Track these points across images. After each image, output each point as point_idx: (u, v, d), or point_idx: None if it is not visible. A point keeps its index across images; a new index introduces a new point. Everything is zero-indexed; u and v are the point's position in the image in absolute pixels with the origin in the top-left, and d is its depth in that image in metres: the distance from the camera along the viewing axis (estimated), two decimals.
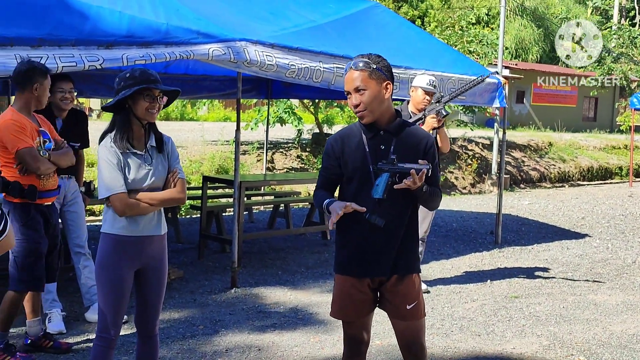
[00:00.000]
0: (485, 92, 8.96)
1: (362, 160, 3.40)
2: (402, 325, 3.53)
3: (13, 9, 5.33)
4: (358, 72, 3.32)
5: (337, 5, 9.44)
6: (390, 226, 3.38)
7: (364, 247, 3.44)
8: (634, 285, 7.79)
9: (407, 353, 3.58)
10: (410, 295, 3.48)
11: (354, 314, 3.54)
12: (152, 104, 3.70)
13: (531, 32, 36.00)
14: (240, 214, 7.66)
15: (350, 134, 3.50)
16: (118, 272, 3.77)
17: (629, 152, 20.33)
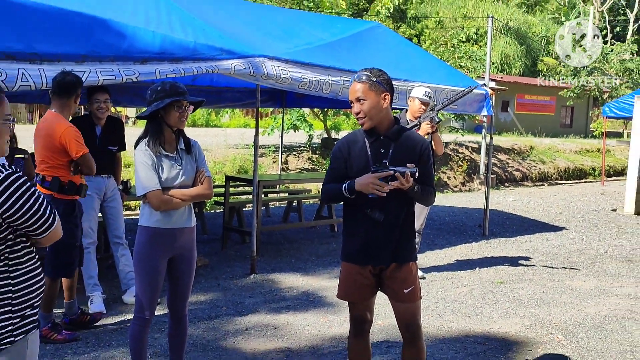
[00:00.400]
0: (474, 102, 8.96)
1: (365, 162, 3.43)
2: (401, 307, 3.56)
3: (60, 29, 5.34)
4: (360, 84, 3.37)
5: (343, 25, 9.45)
6: (389, 221, 3.43)
7: (367, 239, 3.47)
8: (606, 273, 7.76)
9: (405, 331, 3.61)
10: (408, 280, 3.50)
11: (358, 297, 3.57)
12: (182, 113, 3.73)
13: (515, 49, 35.93)
14: (259, 209, 7.67)
15: (354, 139, 3.54)
16: (153, 261, 3.79)
17: (601, 155, 20.29)
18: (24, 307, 2.34)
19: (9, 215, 2.24)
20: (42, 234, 2.35)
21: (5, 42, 4.85)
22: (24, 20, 5.26)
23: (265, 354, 4.81)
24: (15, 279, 2.32)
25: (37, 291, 2.41)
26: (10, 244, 2.30)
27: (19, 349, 2.33)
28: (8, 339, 2.29)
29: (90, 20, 5.62)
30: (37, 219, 2.30)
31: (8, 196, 2.22)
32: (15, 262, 2.33)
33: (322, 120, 17.27)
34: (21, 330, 2.33)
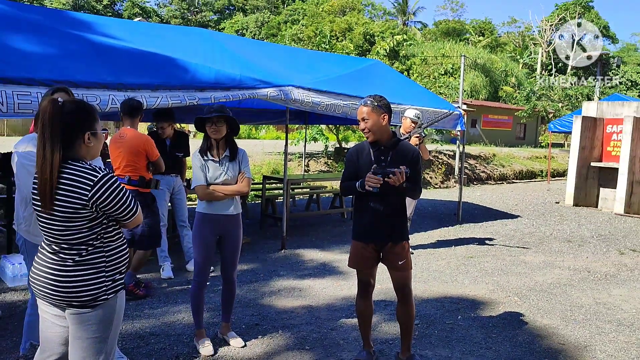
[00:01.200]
0: (451, 120, 8.89)
1: (369, 166, 3.43)
2: (396, 275, 3.56)
3: (140, 65, 5.37)
4: (365, 108, 3.43)
5: (351, 62, 9.43)
6: (387, 210, 3.47)
7: (371, 223, 3.49)
8: (551, 250, 7.67)
9: (399, 293, 3.61)
10: (401, 255, 3.52)
11: (364, 266, 3.59)
12: (211, 127, 3.73)
13: (481, 80, 35.63)
14: (287, 200, 7.67)
15: (362, 148, 3.57)
16: (204, 237, 3.81)
17: (547, 160, 20.08)
18: (114, 273, 2.36)
19: (104, 206, 2.26)
20: (127, 219, 2.37)
21: (100, 75, 4.90)
22: (114, 59, 5.30)
23: (292, 309, 4.81)
24: (108, 252, 2.34)
25: (124, 261, 2.42)
26: (104, 227, 2.33)
27: (110, 304, 2.35)
28: (102, 296, 2.31)
29: (163, 58, 5.66)
30: (124, 208, 2.33)
31: (103, 191, 2.24)
32: (108, 240, 2.35)
33: (335, 134, 17.22)
34: (112, 291, 2.35)
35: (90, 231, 2.28)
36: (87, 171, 2.25)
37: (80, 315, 2.30)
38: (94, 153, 2.36)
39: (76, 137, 2.26)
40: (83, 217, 2.24)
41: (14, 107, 4.31)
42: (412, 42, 33.71)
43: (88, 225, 2.27)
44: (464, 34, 52.11)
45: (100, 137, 2.36)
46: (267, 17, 55.39)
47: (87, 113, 2.32)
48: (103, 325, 2.34)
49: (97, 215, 2.27)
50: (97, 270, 2.30)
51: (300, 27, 38.94)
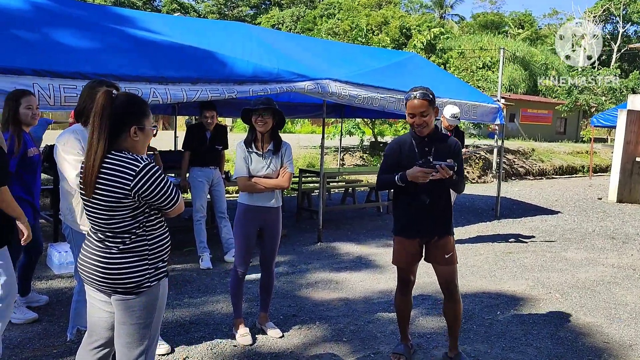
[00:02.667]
0: (490, 114, 8.73)
1: (413, 158, 3.36)
2: (442, 269, 3.49)
3: (180, 60, 5.44)
4: (422, 101, 3.28)
5: (388, 55, 9.35)
6: (432, 203, 3.39)
7: (416, 218, 3.43)
8: (594, 247, 7.47)
9: (445, 289, 3.55)
10: (447, 248, 3.45)
11: (407, 263, 3.53)
12: (257, 119, 3.73)
13: (520, 73, 34.85)
14: (323, 193, 7.68)
15: (404, 140, 3.48)
16: (244, 228, 3.84)
17: (589, 156, 19.52)
18: (157, 261, 2.39)
19: (145, 195, 2.28)
20: (169, 208, 2.39)
21: (142, 69, 4.99)
22: (154, 53, 5.39)
23: (329, 301, 4.82)
24: (151, 240, 2.38)
25: (167, 249, 2.46)
26: (147, 215, 2.35)
27: (153, 291, 2.39)
28: (146, 283, 2.35)
29: (203, 53, 5.73)
30: (165, 197, 2.34)
31: (145, 181, 2.27)
32: (151, 228, 2.38)
33: (371, 127, 17.15)
34: (155, 278, 2.38)
35: (133, 220, 2.31)
36: (129, 161, 2.27)
37: (124, 301, 2.35)
38: (139, 148, 2.36)
39: (122, 130, 2.29)
40: (126, 207, 2.27)
41: (61, 100, 4.44)
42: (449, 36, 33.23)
43: (131, 214, 2.30)
44: (502, 26, 51.02)
45: (148, 133, 2.37)
46: (302, 11, 55.40)
47: (137, 107, 2.35)
48: (147, 311, 2.39)
49: (139, 204, 2.29)
50: (141, 258, 2.34)
51: (336, 21, 38.84)
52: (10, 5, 5.22)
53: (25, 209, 3.77)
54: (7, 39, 4.63)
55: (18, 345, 3.64)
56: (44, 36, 4.94)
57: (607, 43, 47.19)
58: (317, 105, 9.37)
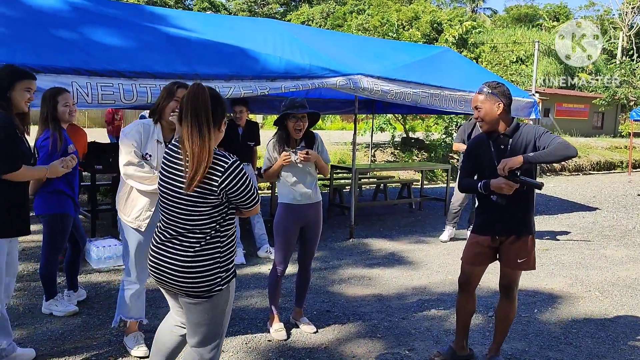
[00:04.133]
0: (525, 108, 8.55)
1: (490, 156, 3.25)
2: (508, 272, 3.35)
3: (213, 56, 5.50)
4: (480, 95, 3.24)
5: (420, 50, 9.25)
6: (510, 202, 3.21)
7: (491, 216, 3.29)
8: (634, 244, 7.25)
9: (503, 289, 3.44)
10: (522, 252, 3.30)
11: (476, 261, 3.40)
12: (297, 123, 3.69)
13: (555, 67, 34.04)
14: (355, 190, 7.65)
15: (480, 140, 3.37)
16: (287, 227, 3.83)
17: (629, 151, 18.97)
18: (228, 263, 2.36)
19: (231, 192, 2.26)
20: (249, 207, 2.35)
21: (175, 66, 5.06)
22: (188, 50, 5.46)
23: (362, 297, 4.80)
24: (224, 241, 2.34)
25: (235, 249, 2.43)
26: (224, 215, 2.32)
27: (224, 294, 2.37)
28: (217, 287, 2.32)
29: (235, 49, 5.77)
30: (248, 196, 2.31)
31: (232, 178, 2.24)
32: (225, 229, 2.34)
33: (403, 123, 17.00)
34: (225, 281, 2.36)
35: (209, 219, 2.28)
36: (219, 157, 2.25)
37: (195, 305, 2.34)
38: (218, 141, 2.32)
39: (216, 124, 2.27)
40: (209, 203, 2.25)
41: (98, 98, 4.53)
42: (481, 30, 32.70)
43: (210, 212, 2.27)
44: (536, 19, 49.94)
45: (224, 129, 2.36)
46: (332, 7, 55.31)
47: (223, 103, 2.35)
48: (217, 313, 2.38)
49: (221, 201, 2.27)
50: (214, 262, 2.30)
51: (366, 16, 38.65)
52: (48, 5, 5.36)
53: (67, 203, 3.89)
54: (46, 38, 4.75)
55: (60, 337, 3.73)
56: (81, 35, 5.05)
57: None
58: (348, 101, 9.35)
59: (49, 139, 3.67)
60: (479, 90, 3.26)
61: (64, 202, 3.87)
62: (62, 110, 3.80)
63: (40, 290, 4.28)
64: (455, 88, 7.37)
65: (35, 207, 3.88)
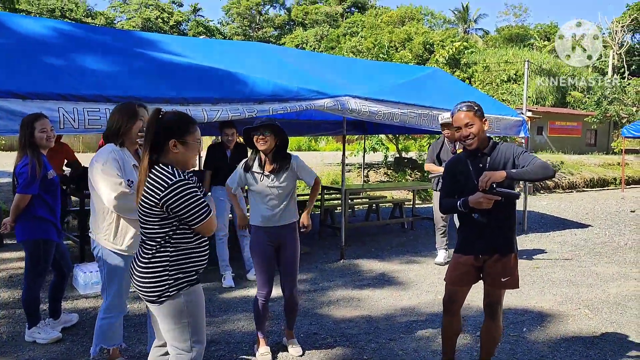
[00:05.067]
0: (514, 127, 8.60)
1: (468, 175, 3.26)
2: (493, 292, 3.33)
3: (201, 80, 5.53)
4: (465, 113, 3.22)
5: (409, 71, 9.35)
6: (492, 221, 3.20)
7: (474, 235, 3.28)
8: (625, 261, 7.24)
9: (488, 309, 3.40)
10: (506, 270, 3.28)
11: (459, 282, 3.37)
12: (259, 137, 3.70)
13: (547, 85, 34.36)
14: (345, 210, 7.65)
15: (458, 159, 3.38)
16: (262, 249, 3.82)
17: (621, 167, 19.05)
18: (177, 273, 2.50)
19: (172, 208, 2.42)
20: (195, 224, 2.47)
21: (163, 91, 5.09)
22: (176, 75, 5.50)
23: (350, 319, 4.77)
24: (173, 253, 2.50)
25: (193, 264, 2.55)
26: (174, 228, 2.48)
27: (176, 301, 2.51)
28: (165, 293, 2.49)
29: (223, 73, 5.81)
30: (191, 214, 2.44)
31: (174, 195, 2.41)
32: (176, 242, 2.50)
33: (395, 143, 17.09)
34: (175, 288, 2.50)
35: (160, 229, 2.47)
36: (165, 174, 2.44)
37: (154, 308, 2.56)
38: (183, 161, 2.53)
39: (164, 143, 2.48)
40: (156, 215, 2.44)
41: (85, 123, 4.54)
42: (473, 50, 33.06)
43: (159, 223, 2.46)
44: (528, 39, 50.54)
45: (192, 147, 2.52)
46: (326, 30, 55.94)
47: (178, 123, 2.53)
48: (174, 318, 2.53)
49: (167, 215, 2.44)
50: (162, 269, 2.49)
51: (360, 39, 39.06)
52: (38, 33, 5.41)
53: (49, 229, 3.86)
54: (35, 65, 4.79)
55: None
56: (70, 61, 5.09)
57: (637, 53, 46.39)
58: (339, 123, 9.37)
59: (27, 166, 3.66)
60: (467, 107, 3.23)
61: (45, 227, 3.84)
62: (39, 136, 3.79)
63: (25, 317, 4.23)
64: (444, 108, 7.43)
65: (17, 233, 3.86)
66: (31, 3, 43.05)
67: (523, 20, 61.27)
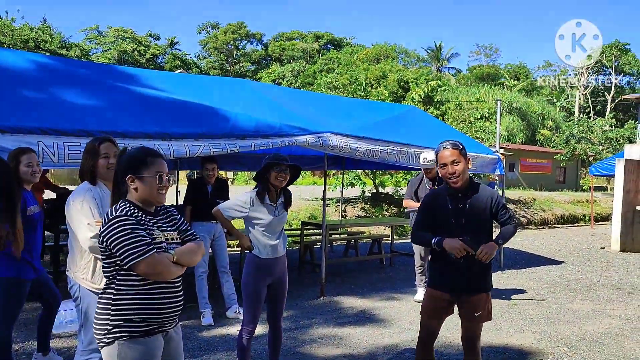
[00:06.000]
0: (489, 164, 8.78)
1: (446, 214, 3.31)
2: (468, 325, 3.41)
3: (183, 116, 5.52)
4: (451, 151, 3.28)
5: (387, 108, 9.51)
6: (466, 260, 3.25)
7: (447, 272, 3.34)
8: (600, 298, 7.34)
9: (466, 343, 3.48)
10: (478, 306, 3.35)
11: (435, 315, 3.44)
12: (280, 174, 3.74)
13: (517, 123, 35.29)
14: (326, 247, 7.62)
15: (438, 194, 3.43)
16: (257, 285, 3.80)
17: (590, 204, 19.50)
18: (118, 319, 2.31)
19: (109, 244, 2.29)
20: (125, 264, 2.28)
21: (145, 126, 5.06)
22: (158, 110, 5.48)
23: (333, 358, 4.70)
24: (116, 296, 2.34)
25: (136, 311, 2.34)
26: (117, 269, 2.34)
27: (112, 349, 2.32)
28: (103, 338, 2.34)
29: (205, 108, 5.82)
30: (123, 251, 2.27)
31: (109, 231, 2.29)
32: (120, 284, 2.34)
33: (372, 179, 17.22)
34: (112, 336, 2.32)
35: (108, 267, 2.36)
36: (111, 210, 2.37)
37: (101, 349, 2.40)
38: (143, 197, 2.42)
39: (122, 180, 2.43)
40: (103, 252, 2.35)
41: (65, 157, 4.48)
42: (446, 88, 33.86)
43: (107, 260, 2.35)
44: (498, 78, 52.11)
45: (149, 182, 2.41)
46: (302, 66, 56.74)
47: (134, 158, 2.44)
48: None
49: (110, 253, 2.31)
50: (105, 312, 2.35)
51: (336, 75, 39.70)
52: (17, 66, 5.36)
53: (23, 268, 3.70)
54: (14, 98, 4.73)
55: None
56: (50, 95, 5.04)
57: (601, 94, 48.13)
58: (319, 158, 9.45)
59: None
60: (453, 145, 3.30)
61: (20, 266, 3.65)
62: (24, 171, 3.72)
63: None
64: (422, 145, 7.54)
65: None
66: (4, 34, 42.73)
67: (494, 60, 63.19)
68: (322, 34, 65.82)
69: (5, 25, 43.33)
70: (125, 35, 56.34)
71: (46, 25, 49.49)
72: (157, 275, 2.33)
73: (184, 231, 2.56)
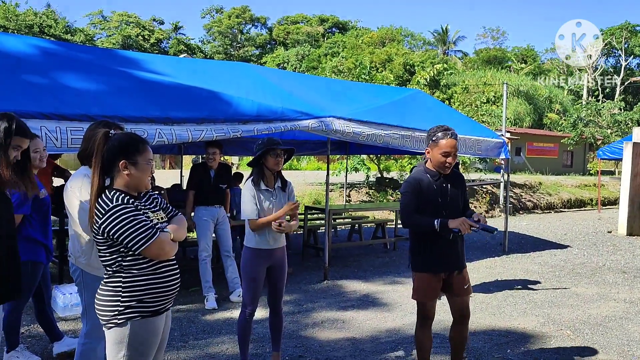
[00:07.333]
0: (495, 148, 8.75)
1: (433, 194, 3.52)
2: (459, 299, 3.64)
3: (186, 100, 5.52)
4: (455, 141, 3.50)
5: (391, 92, 9.46)
6: (455, 239, 3.56)
7: (442, 254, 3.56)
8: (605, 282, 7.35)
9: (459, 314, 3.69)
10: (466, 279, 3.66)
11: (432, 297, 3.61)
12: (277, 158, 3.80)
13: (524, 107, 35.05)
14: (329, 231, 7.65)
15: (420, 177, 3.57)
16: (255, 271, 3.83)
17: (597, 188, 19.43)
18: (130, 300, 2.38)
19: (112, 234, 2.32)
20: (136, 249, 2.34)
21: (147, 110, 5.07)
22: (160, 94, 5.48)
23: (336, 341, 4.75)
24: (126, 279, 2.38)
25: (150, 292, 2.41)
26: (122, 254, 2.37)
27: (123, 329, 2.38)
28: (114, 319, 2.37)
29: (207, 93, 5.81)
30: (131, 238, 2.32)
31: (111, 221, 2.31)
32: (128, 268, 2.38)
33: (377, 164, 17.22)
34: (124, 316, 2.37)
35: (111, 256, 2.37)
36: (104, 201, 2.36)
37: (105, 332, 2.43)
38: (135, 183, 2.44)
39: (114, 165, 2.41)
40: (103, 242, 2.36)
41: (67, 142, 4.50)
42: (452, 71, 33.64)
43: (108, 250, 2.37)
44: (505, 61, 51.63)
45: (143, 168, 2.43)
46: (307, 50, 56.44)
47: (126, 143, 2.44)
48: (117, 346, 2.40)
49: (113, 242, 2.34)
50: (114, 295, 2.37)
51: (341, 59, 39.49)
52: (20, 51, 5.36)
53: (39, 252, 3.76)
54: (16, 83, 4.74)
55: None
56: (52, 80, 5.05)
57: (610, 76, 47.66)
58: (322, 143, 9.44)
59: None
60: (455, 135, 3.50)
61: (36, 250, 3.74)
62: (32, 157, 3.73)
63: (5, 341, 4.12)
64: (426, 129, 7.51)
65: None
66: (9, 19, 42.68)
67: (501, 43, 62.57)
68: (327, 17, 65.35)
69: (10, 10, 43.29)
70: (129, 20, 56.17)
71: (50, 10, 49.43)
72: (165, 255, 2.42)
73: (166, 209, 2.63)
